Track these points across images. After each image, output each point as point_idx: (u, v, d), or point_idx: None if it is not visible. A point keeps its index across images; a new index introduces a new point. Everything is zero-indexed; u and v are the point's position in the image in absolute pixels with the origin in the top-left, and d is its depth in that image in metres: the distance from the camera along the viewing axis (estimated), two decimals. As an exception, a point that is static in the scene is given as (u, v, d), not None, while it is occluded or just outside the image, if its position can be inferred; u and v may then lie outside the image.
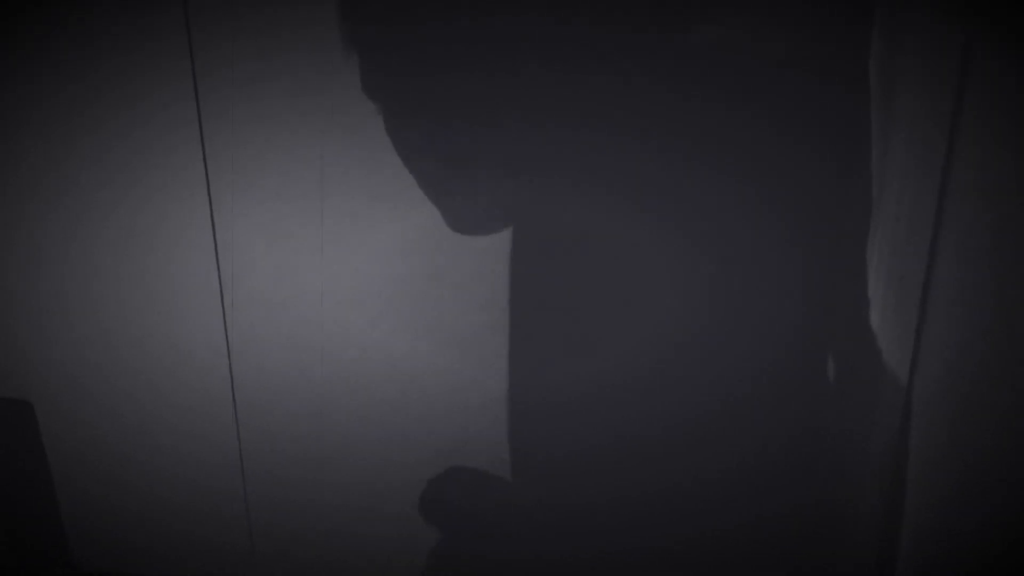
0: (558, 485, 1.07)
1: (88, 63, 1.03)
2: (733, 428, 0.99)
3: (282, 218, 1.07)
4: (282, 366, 1.14)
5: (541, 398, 1.05)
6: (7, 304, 1.14)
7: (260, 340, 1.13)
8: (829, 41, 0.88)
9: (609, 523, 1.06)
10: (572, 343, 1.02)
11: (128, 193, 1.09)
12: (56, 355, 1.15)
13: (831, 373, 0.99)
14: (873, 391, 0.97)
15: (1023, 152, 0.73)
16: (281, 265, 1.09)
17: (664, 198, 0.95)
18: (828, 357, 0.99)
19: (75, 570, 1.16)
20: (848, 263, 0.95)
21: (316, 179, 1.04)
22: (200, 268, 1.10)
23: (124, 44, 1.01)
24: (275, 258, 1.09)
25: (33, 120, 1.06)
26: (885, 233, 0.92)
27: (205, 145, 1.03)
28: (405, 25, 0.94)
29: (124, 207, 1.09)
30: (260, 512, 1.20)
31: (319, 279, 1.09)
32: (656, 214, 0.95)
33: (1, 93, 1.04)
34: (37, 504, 1.15)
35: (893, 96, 0.88)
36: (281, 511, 1.19)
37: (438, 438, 1.13)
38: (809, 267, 0.95)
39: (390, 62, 0.96)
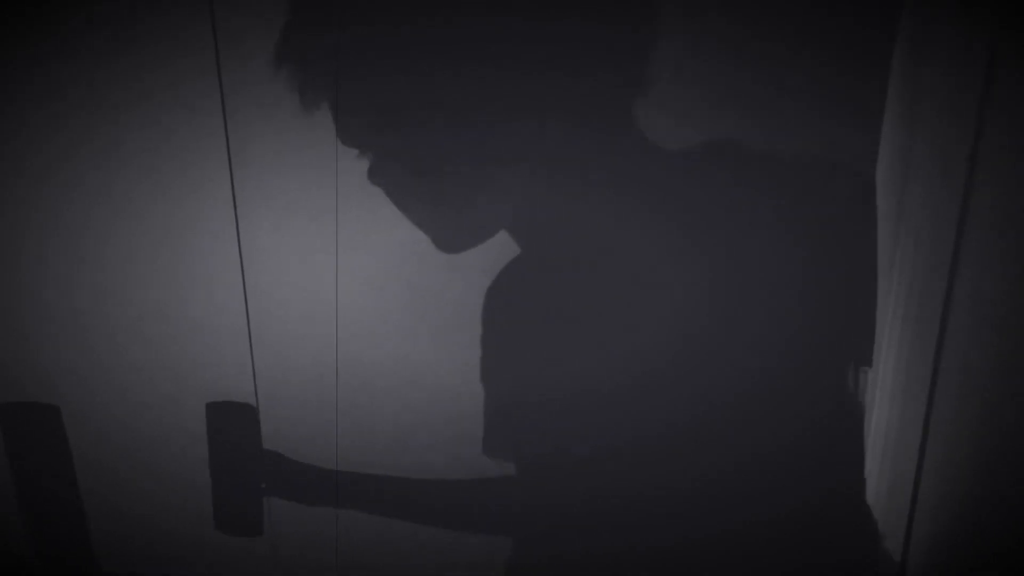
0: (559, 486, 1.08)
1: (108, 55, 1.03)
2: (736, 428, 0.99)
3: (301, 219, 1.07)
4: (303, 372, 1.14)
5: (543, 399, 1.05)
6: (33, 308, 1.14)
7: (285, 350, 1.14)
8: (852, 51, 0.87)
9: (611, 523, 1.06)
10: (574, 344, 1.02)
11: (154, 197, 1.09)
12: (83, 360, 1.15)
13: (844, 374, 0.99)
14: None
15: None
16: (303, 268, 1.10)
17: (670, 199, 0.95)
18: (837, 357, 0.99)
19: (99, 571, 1.18)
20: (857, 264, 0.95)
21: (333, 177, 1.04)
22: (225, 275, 1.09)
23: (147, 36, 1.00)
24: (298, 260, 1.09)
25: (45, 116, 1.06)
26: (908, 240, 0.92)
27: (229, 140, 1.02)
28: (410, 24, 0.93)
29: (147, 209, 1.09)
30: (281, 516, 1.20)
31: (337, 282, 1.10)
32: (661, 215, 0.95)
33: (16, 89, 1.04)
34: (63, 507, 1.16)
35: (916, 105, 0.88)
36: (301, 514, 1.20)
37: (449, 439, 1.14)
38: (817, 267, 0.95)
39: (395, 64, 0.95)
